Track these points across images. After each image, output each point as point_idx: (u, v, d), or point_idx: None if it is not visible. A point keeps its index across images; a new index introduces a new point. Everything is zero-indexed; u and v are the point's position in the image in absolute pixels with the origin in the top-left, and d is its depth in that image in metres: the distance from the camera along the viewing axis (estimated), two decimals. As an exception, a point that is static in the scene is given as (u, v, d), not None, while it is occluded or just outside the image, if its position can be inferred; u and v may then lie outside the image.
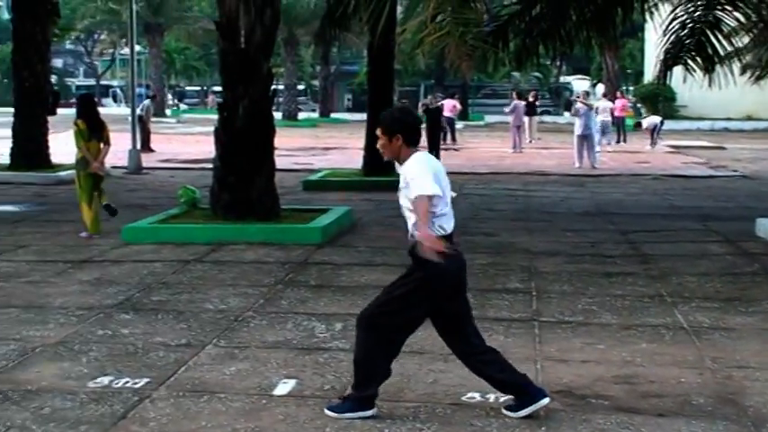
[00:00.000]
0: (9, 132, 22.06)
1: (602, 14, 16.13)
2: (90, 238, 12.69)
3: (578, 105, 26.44)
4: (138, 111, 26.05)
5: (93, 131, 12.77)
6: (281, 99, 52.56)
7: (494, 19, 16.42)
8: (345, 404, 5.75)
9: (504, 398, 6.01)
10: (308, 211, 14.16)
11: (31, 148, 21.32)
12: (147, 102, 30.80)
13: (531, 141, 34.62)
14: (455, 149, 31.35)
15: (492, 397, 6.11)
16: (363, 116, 24.25)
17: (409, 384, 6.41)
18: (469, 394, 6.12)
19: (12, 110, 21.52)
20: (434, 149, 26.38)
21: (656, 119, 34.72)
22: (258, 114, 13.25)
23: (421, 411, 5.89)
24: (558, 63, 55.45)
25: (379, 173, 19.96)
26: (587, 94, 30.18)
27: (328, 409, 5.77)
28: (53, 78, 24.32)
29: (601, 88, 49.89)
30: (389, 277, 9.97)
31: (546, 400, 5.74)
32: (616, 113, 34.86)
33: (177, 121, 54.92)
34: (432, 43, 12.24)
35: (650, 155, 30.80)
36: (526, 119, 33.49)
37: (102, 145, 12.84)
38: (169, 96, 65.65)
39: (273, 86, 13.93)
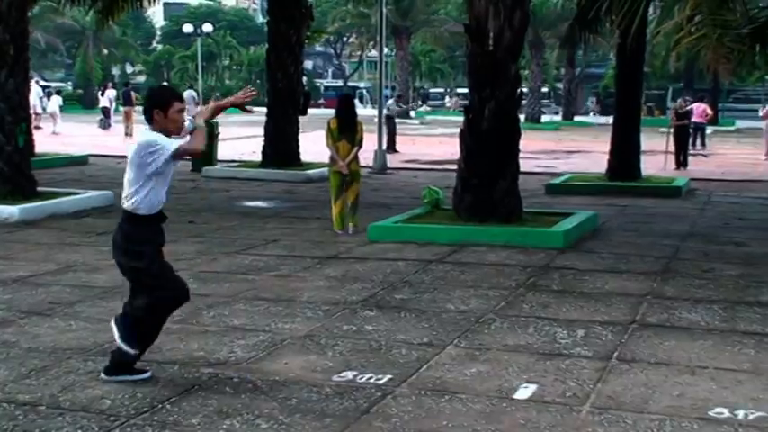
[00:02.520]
0: (262, 131, 22.98)
1: None
2: (339, 234, 13.05)
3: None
4: (384, 111, 26.60)
5: (342, 131, 13.09)
6: (524, 102, 52.37)
7: (751, 20, 15.74)
8: None
9: (755, 414, 5.79)
10: (550, 214, 14.04)
11: (282, 147, 22.11)
12: (390, 101, 31.35)
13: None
14: (704, 155, 30.30)
15: (741, 413, 5.88)
16: (607, 119, 23.85)
17: (653, 396, 6.24)
18: (717, 409, 5.91)
19: (265, 110, 22.38)
20: (683, 155, 25.63)
21: None
22: (504, 117, 13.25)
23: (666, 425, 5.72)
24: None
25: (624, 178, 19.59)
26: None
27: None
28: (304, 79, 25.13)
29: None
30: (633, 284, 9.85)
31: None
32: None
33: (420, 122, 55.64)
34: (687, 45, 11.88)
35: None
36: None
37: (353, 146, 13.12)
38: (412, 98, 66.60)
39: (519, 89, 13.88)
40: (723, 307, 8.90)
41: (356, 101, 68.35)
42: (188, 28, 63.94)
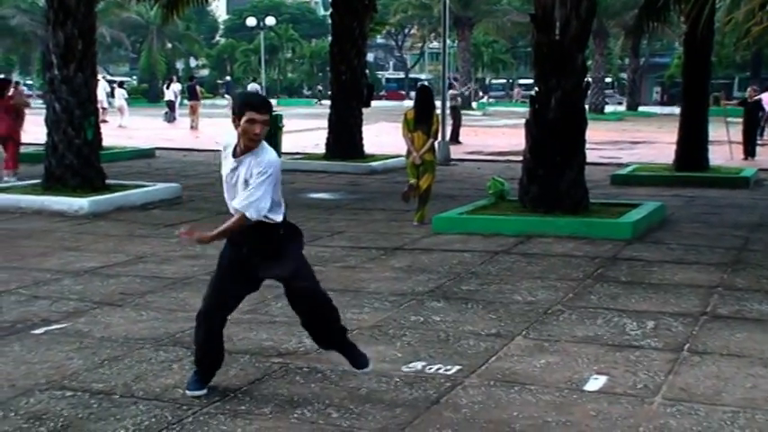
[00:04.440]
0: (326, 123, 23.08)
1: None
2: (418, 225, 13.06)
3: None
4: (448, 102, 26.56)
5: (418, 122, 13.10)
6: (588, 92, 51.98)
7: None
8: None
9: None
10: (617, 205, 13.92)
11: (345, 139, 22.20)
12: (450, 92, 31.22)
13: None
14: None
15: (817, 407, 5.80)
16: (672, 110, 23.55)
17: (726, 388, 6.17)
18: (792, 402, 5.83)
19: (329, 102, 22.45)
20: (751, 145, 25.25)
21: None
22: (570, 107, 13.16)
23: (739, 417, 5.65)
24: None
25: (691, 168, 19.36)
26: None
27: None
28: (366, 72, 25.16)
29: None
30: (703, 276, 9.73)
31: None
32: None
33: (483, 113, 55.50)
34: (757, 34, 11.70)
35: None
36: None
37: (428, 137, 13.13)
38: (472, 89, 66.40)
39: (585, 80, 13.78)
40: (796, 299, 8.76)
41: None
42: (251, 21, 64.47)
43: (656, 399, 5.95)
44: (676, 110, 21.64)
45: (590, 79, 48.62)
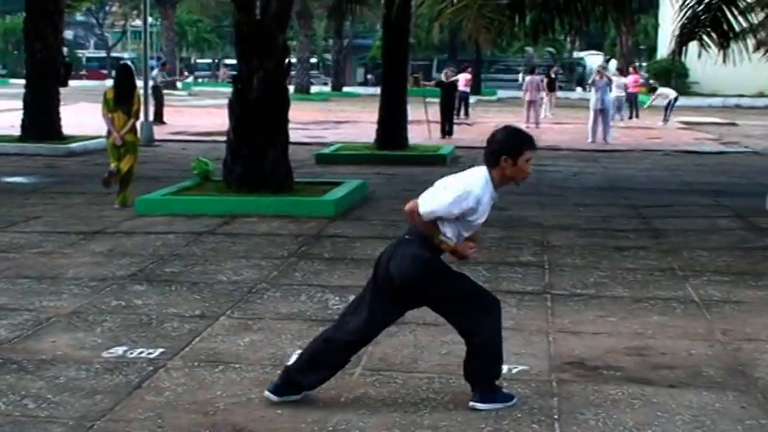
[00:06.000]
0: (21, 104, 22.08)
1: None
2: (120, 208, 12.73)
3: (595, 77, 26.35)
4: (150, 81, 26.07)
5: (118, 102, 12.80)
6: (293, 72, 52.46)
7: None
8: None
9: (518, 368, 6.10)
10: (321, 183, 14.18)
11: (42, 120, 21.32)
12: (155, 71, 30.58)
13: (545, 117, 34.51)
14: (468, 124, 31.30)
15: (505, 368, 6.13)
16: (376, 90, 24.24)
17: (422, 356, 6.44)
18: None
19: (23, 81, 21.49)
20: (448, 124, 26.36)
21: (672, 93, 34.53)
22: (273, 87, 13.24)
23: (435, 382, 5.91)
24: (573, 38, 55.16)
25: (392, 146, 20.01)
26: (605, 68, 29.96)
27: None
28: (64, 50, 24.26)
29: (614, 64, 49.66)
30: (402, 250, 10.04)
31: None
32: (629, 89, 34.70)
33: (188, 93, 54.87)
34: (450, 15, 12.20)
35: (662, 131, 30.71)
36: (543, 94, 33.35)
37: (129, 117, 12.87)
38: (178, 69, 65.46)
39: (287, 59, 13.90)
40: (487, 268, 9.26)
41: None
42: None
43: (357, 369, 6.11)
44: (379, 90, 22.26)
45: (294, 59, 49.23)
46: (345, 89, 59.90)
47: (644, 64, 63.87)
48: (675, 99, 34.26)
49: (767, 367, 6.32)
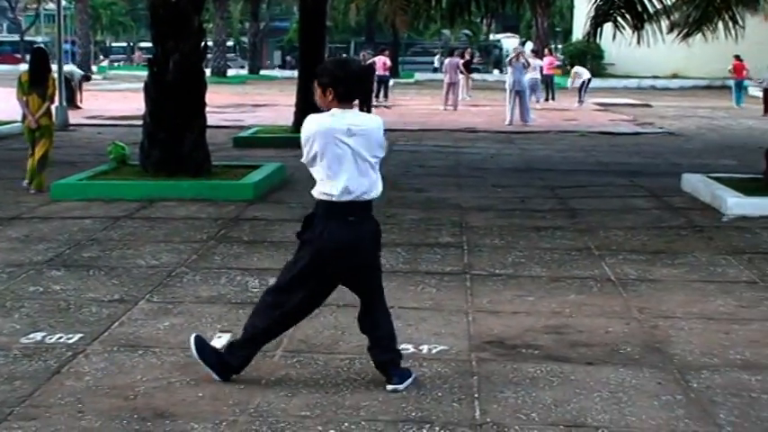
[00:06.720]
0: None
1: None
2: (35, 193, 12.52)
3: (512, 58, 26.57)
4: (65, 67, 25.64)
5: (33, 85, 12.64)
6: (209, 55, 52.03)
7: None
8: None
9: (438, 348, 6.17)
10: (239, 167, 14.11)
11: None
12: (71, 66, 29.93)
13: (462, 99, 34.74)
14: (386, 107, 31.35)
15: (425, 348, 6.23)
16: (293, 73, 24.17)
17: (343, 337, 6.48)
18: (403, 345, 6.14)
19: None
20: (366, 106, 26.38)
21: (586, 74, 34.97)
22: (189, 69, 13.13)
23: (355, 363, 5.96)
24: (489, 21, 55.62)
25: (309, 129, 19.94)
26: (521, 50, 30.23)
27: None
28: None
29: (530, 46, 50.15)
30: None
31: None
32: (545, 71, 35.09)
33: (103, 77, 54.09)
34: (364, -2, 12.23)
35: (578, 112, 31.12)
36: (461, 76, 33.54)
37: (44, 100, 12.69)
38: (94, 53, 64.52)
39: (203, 42, 13.80)
40: (407, 249, 9.33)
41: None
42: None
43: (278, 351, 6.13)
44: (297, 73, 22.22)
45: (210, 42, 48.82)
46: (262, 72, 59.61)
47: (560, 46, 64.63)
48: (589, 80, 34.69)
49: (683, 344, 6.48)
